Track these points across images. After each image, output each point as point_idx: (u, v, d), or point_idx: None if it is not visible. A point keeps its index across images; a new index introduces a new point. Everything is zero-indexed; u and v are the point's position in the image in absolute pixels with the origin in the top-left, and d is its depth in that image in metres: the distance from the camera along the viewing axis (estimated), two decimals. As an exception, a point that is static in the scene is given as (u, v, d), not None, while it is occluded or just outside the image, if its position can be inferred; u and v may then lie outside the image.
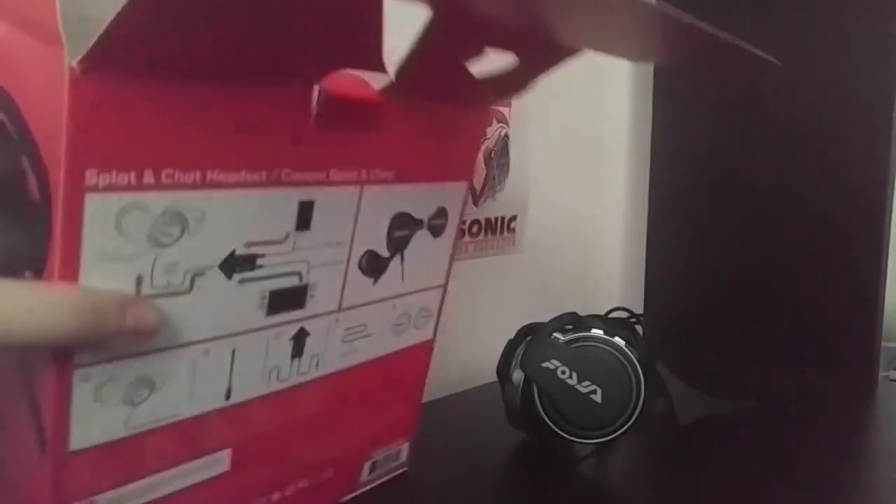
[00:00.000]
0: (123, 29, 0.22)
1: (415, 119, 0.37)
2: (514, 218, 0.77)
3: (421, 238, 0.42)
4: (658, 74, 0.88)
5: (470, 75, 0.37)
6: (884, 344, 0.72)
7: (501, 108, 0.72)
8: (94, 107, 0.24)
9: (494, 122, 0.72)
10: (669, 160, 0.88)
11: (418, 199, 0.40)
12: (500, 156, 0.74)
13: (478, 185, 0.72)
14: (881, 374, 0.72)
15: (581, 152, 0.87)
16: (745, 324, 0.81)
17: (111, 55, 0.23)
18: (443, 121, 0.39)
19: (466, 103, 0.40)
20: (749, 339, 0.80)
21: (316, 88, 0.31)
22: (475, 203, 0.72)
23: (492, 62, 0.34)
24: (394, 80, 0.34)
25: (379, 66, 0.32)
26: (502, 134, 0.73)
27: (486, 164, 0.72)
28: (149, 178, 0.27)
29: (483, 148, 0.70)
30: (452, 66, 0.35)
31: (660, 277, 0.90)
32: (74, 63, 0.23)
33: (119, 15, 0.21)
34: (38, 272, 0.26)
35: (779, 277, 0.78)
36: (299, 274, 0.35)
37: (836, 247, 0.73)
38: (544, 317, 0.53)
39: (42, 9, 0.23)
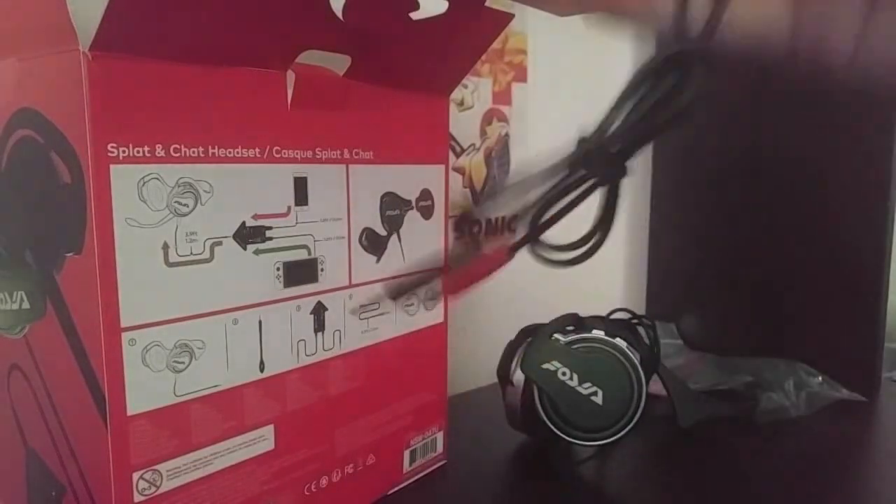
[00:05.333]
0: (117, 17, 0.27)
1: (383, 101, 0.42)
2: (514, 218, 0.77)
3: (413, 219, 0.46)
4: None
5: (424, 62, 0.42)
6: (886, 345, 0.72)
7: (502, 108, 0.74)
8: (107, 85, 0.29)
9: (495, 121, 0.73)
10: (670, 159, 0.89)
11: (401, 179, 0.44)
12: (500, 155, 0.75)
13: (478, 184, 0.73)
14: (884, 375, 0.72)
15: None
16: (748, 325, 0.82)
17: (115, 42, 0.28)
18: (408, 104, 0.44)
19: (426, 89, 0.45)
20: (751, 340, 0.80)
21: (290, 74, 0.36)
22: (475, 203, 0.73)
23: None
24: (352, 63, 0.39)
25: (341, 47, 0.37)
26: (503, 133, 0.75)
27: (486, 164, 0.73)
28: (160, 151, 0.31)
29: (483, 147, 0.72)
30: (406, 50, 0.40)
31: (662, 278, 0.91)
32: (87, 50, 0.28)
33: (109, 5, 0.26)
34: (78, 249, 0.30)
35: (781, 278, 0.78)
36: (307, 248, 0.38)
37: (839, 248, 0.73)
38: (545, 317, 0.54)
39: (55, 11, 0.28)
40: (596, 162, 0.33)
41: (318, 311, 0.40)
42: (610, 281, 0.95)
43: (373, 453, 0.45)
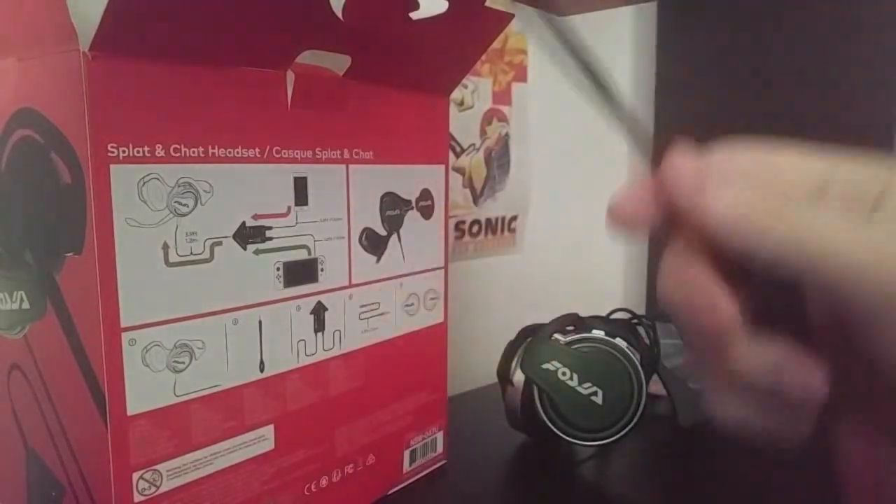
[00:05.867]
0: (117, 17, 0.27)
1: (383, 101, 0.42)
2: (514, 218, 0.78)
3: (413, 219, 0.46)
4: (660, 74, 0.90)
5: (424, 62, 0.42)
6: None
7: (502, 108, 0.74)
8: (107, 85, 0.29)
9: (495, 121, 0.73)
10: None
11: (401, 179, 0.44)
12: (500, 155, 0.75)
13: (478, 184, 0.73)
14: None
15: (582, 151, 0.88)
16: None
17: (115, 42, 0.28)
18: (408, 104, 0.44)
19: (426, 89, 0.45)
20: None
21: (290, 74, 0.36)
22: (475, 203, 0.73)
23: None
24: (352, 63, 0.39)
25: (340, 47, 0.37)
26: (503, 133, 0.75)
27: (486, 164, 0.73)
28: (160, 151, 0.31)
29: (483, 147, 0.72)
30: (406, 50, 0.40)
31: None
32: (87, 50, 0.28)
33: (109, 5, 0.27)
34: (78, 249, 0.30)
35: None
36: (307, 248, 0.38)
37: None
38: (545, 317, 0.54)
39: (55, 11, 0.28)
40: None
41: (318, 311, 0.40)
42: (610, 281, 0.95)
43: (373, 453, 0.45)
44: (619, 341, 0.51)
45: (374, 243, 0.43)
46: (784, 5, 0.77)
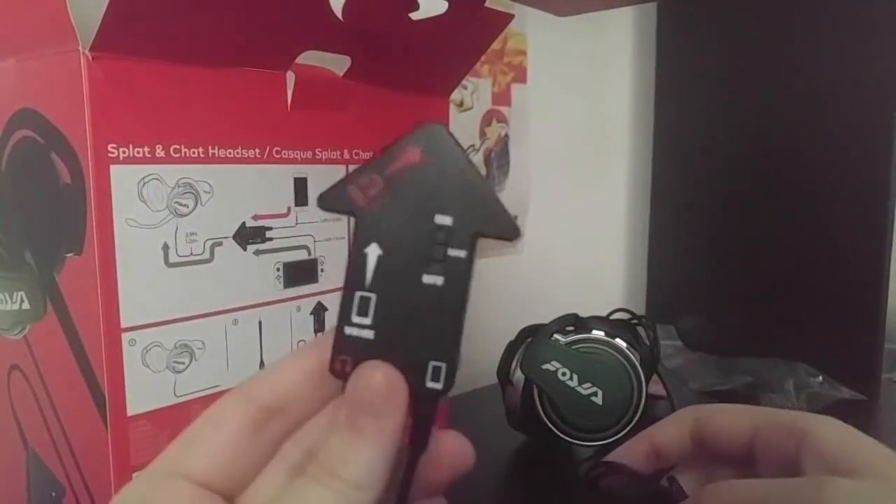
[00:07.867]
0: (117, 17, 0.27)
1: (383, 101, 0.42)
2: (514, 218, 0.78)
3: (412, 219, 0.46)
4: (660, 74, 0.89)
5: (424, 62, 0.42)
6: (887, 346, 0.72)
7: (501, 109, 0.74)
8: (107, 86, 0.29)
9: (495, 122, 0.73)
10: (671, 160, 0.89)
11: (402, 179, 0.44)
12: (500, 156, 0.75)
13: (478, 185, 0.73)
14: (884, 376, 0.72)
15: (582, 152, 0.88)
16: (748, 325, 0.82)
17: (115, 42, 0.28)
18: (408, 105, 0.44)
19: (426, 89, 0.45)
20: (751, 340, 0.79)
21: (290, 74, 0.36)
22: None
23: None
24: (352, 63, 0.39)
25: (340, 48, 0.37)
26: (502, 134, 0.75)
27: (486, 165, 0.73)
28: (160, 152, 0.31)
29: (483, 148, 0.73)
30: (406, 50, 0.40)
31: (662, 278, 0.91)
32: (87, 50, 0.28)
33: (109, 5, 0.27)
34: (78, 250, 0.30)
35: (781, 279, 0.78)
36: (307, 248, 0.38)
37: (840, 248, 0.73)
38: (545, 317, 0.54)
39: (55, 11, 0.28)
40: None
41: (318, 312, 0.40)
42: (610, 281, 0.95)
43: (373, 453, 0.45)
44: (618, 341, 0.51)
45: (374, 243, 0.43)
46: (785, 6, 0.77)
